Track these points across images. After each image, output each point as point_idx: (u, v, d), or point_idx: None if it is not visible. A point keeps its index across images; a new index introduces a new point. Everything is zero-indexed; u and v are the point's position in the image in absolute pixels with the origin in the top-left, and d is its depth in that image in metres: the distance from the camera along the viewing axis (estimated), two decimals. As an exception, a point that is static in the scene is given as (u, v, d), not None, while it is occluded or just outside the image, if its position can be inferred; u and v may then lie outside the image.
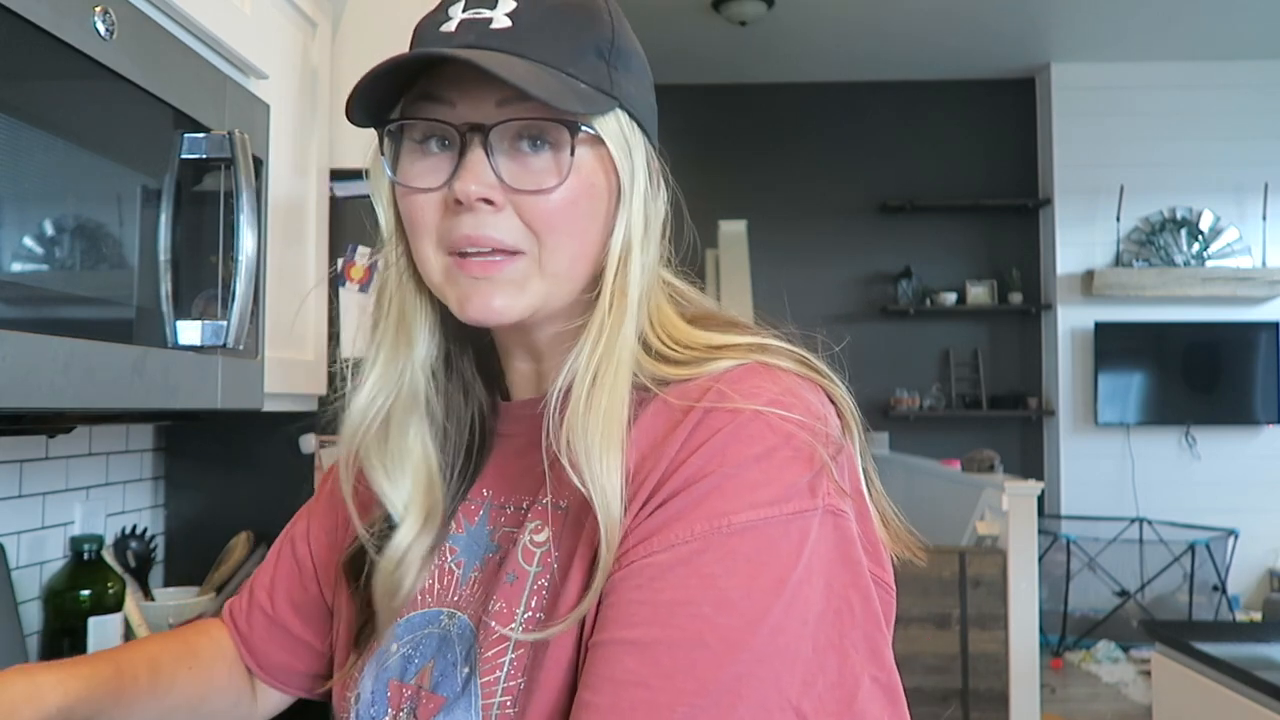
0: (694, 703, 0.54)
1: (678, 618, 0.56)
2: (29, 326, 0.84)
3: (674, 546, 0.57)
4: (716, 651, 0.55)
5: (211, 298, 1.13)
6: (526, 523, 0.67)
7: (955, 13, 4.88)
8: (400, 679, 0.69)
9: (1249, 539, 5.26)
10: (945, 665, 3.25)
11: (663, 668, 0.55)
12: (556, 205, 0.64)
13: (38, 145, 0.86)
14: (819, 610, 0.57)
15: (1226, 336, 5.41)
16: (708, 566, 0.56)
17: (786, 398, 0.61)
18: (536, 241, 0.64)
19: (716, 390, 0.61)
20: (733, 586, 0.56)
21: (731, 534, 0.57)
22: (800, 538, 0.58)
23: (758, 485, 0.58)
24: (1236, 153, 5.51)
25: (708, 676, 0.54)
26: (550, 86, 0.61)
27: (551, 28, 0.64)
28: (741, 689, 0.54)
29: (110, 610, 1.52)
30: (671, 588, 0.56)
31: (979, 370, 5.76)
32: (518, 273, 0.64)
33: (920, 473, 4.62)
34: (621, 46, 0.68)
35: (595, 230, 0.66)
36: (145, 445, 1.82)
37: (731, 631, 0.55)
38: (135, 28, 0.98)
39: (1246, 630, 2.62)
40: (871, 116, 5.84)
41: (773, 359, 0.65)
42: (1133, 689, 4.37)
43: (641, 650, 0.55)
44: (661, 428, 0.62)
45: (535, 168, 0.64)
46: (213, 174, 1.13)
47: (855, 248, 5.80)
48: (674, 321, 0.68)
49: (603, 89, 0.65)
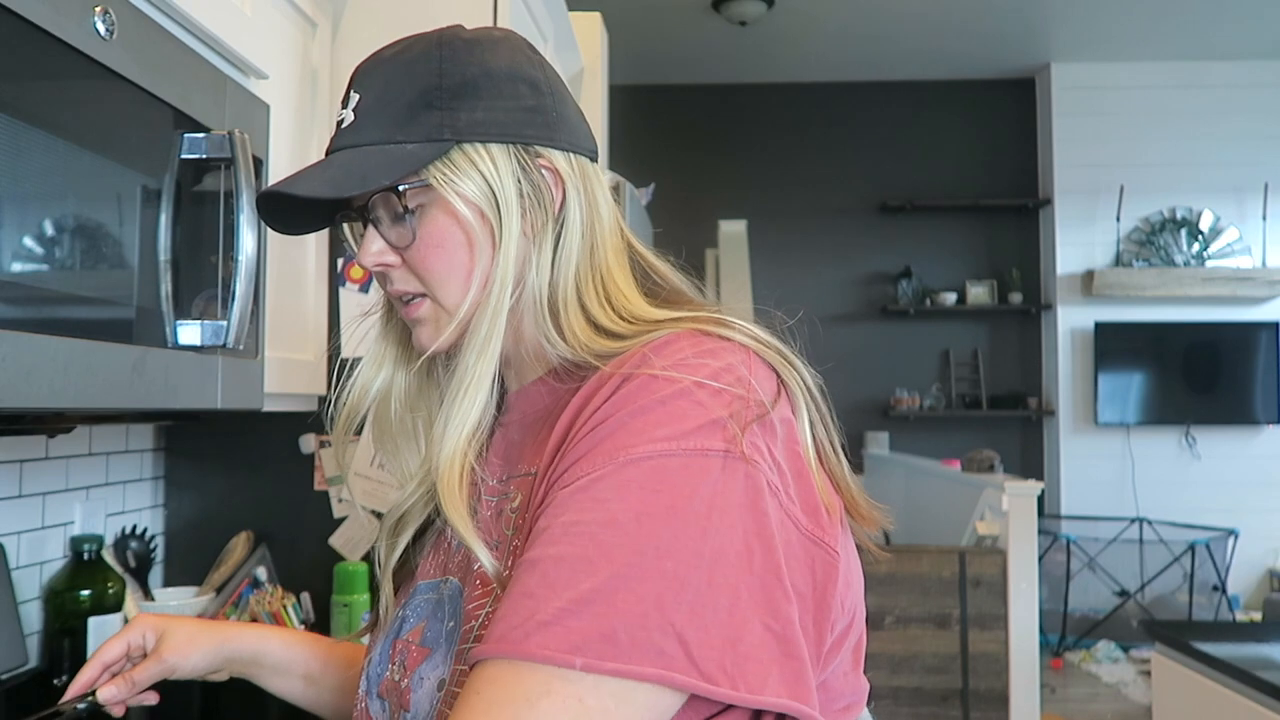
0: (566, 607, 0.56)
1: (569, 535, 0.59)
2: (29, 326, 0.84)
3: (578, 479, 0.61)
4: (593, 561, 0.57)
5: (211, 298, 1.13)
6: (507, 492, 0.74)
7: (955, 13, 4.88)
8: (398, 637, 0.77)
9: (1249, 539, 5.27)
10: (945, 665, 3.25)
11: (548, 578, 0.58)
12: (423, 255, 0.73)
13: (38, 145, 0.86)
14: (717, 547, 0.59)
15: (1226, 336, 5.41)
16: (603, 493, 0.60)
17: (703, 358, 0.65)
18: (426, 286, 0.74)
19: (640, 354, 0.66)
20: (622, 510, 0.59)
21: (628, 464, 0.60)
22: (699, 474, 0.60)
23: (659, 424, 0.61)
24: (1236, 153, 5.51)
25: (586, 586, 0.57)
26: (361, 169, 0.70)
27: (382, 105, 0.72)
28: (616, 599, 0.56)
29: (110, 610, 1.52)
30: (568, 512, 0.60)
31: (979, 370, 5.76)
32: (428, 312, 0.75)
33: (920, 473, 4.62)
34: (454, 82, 0.72)
35: (479, 260, 0.72)
36: (145, 445, 1.82)
37: (614, 549, 0.58)
38: (135, 28, 0.98)
39: (1246, 630, 2.62)
40: (871, 116, 5.84)
41: (712, 328, 0.69)
42: (1133, 689, 4.37)
43: (533, 566, 0.59)
44: (590, 392, 0.67)
45: (399, 230, 0.73)
46: (213, 174, 1.13)
47: (855, 248, 5.80)
48: (629, 299, 0.73)
49: (434, 138, 0.71)
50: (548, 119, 0.74)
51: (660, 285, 0.77)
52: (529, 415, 0.76)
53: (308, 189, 0.71)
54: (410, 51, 0.73)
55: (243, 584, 1.72)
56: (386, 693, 0.75)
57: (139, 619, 0.96)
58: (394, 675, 0.74)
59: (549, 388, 0.75)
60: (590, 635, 0.55)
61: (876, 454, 5.33)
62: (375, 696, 0.76)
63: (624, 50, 4.22)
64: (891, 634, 3.19)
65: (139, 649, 0.95)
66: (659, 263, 0.78)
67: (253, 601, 1.65)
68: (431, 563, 0.79)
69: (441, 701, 0.68)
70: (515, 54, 0.74)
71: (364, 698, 0.78)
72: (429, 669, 0.70)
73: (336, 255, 1.75)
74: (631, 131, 4.51)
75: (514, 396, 0.80)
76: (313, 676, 0.97)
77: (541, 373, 0.76)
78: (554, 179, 0.74)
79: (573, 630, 0.55)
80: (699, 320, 0.70)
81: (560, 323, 0.72)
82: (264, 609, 1.62)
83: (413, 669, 0.72)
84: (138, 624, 0.95)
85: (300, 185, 0.71)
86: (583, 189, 0.75)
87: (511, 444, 0.77)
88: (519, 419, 0.77)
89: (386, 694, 0.75)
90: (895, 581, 3.25)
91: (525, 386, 0.78)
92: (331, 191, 0.69)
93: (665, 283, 0.77)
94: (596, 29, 2.97)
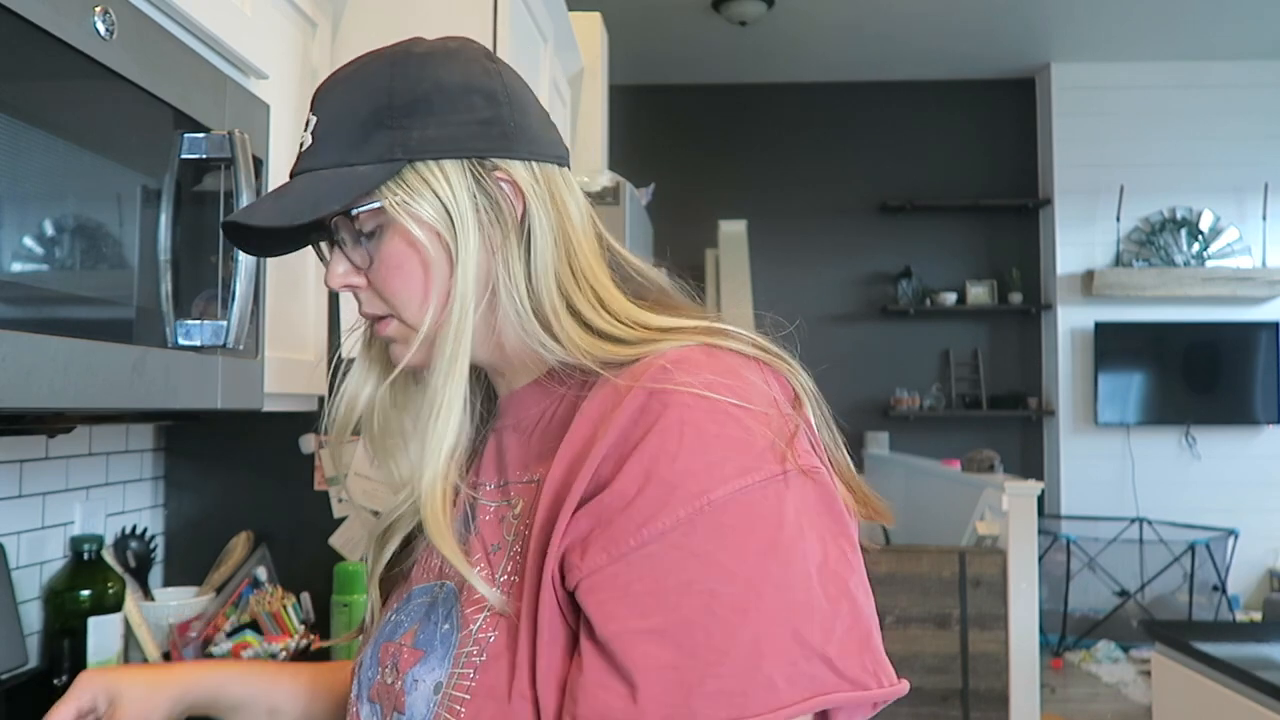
0: (719, 671, 0.57)
1: (685, 598, 0.59)
2: (29, 326, 0.84)
3: (664, 535, 0.60)
4: (727, 620, 0.58)
5: (211, 298, 1.13)
6: (509, 498, 0.73)
7: (955, 13, 4.88)
8: (389, 641, 0.76)
9: (1249, 539, 5.27)
10: (945, 665, 3.25)
11: (683, 647, 0.58)
12: (384, 276, 0.73)
13: (38, 145, 0.86)
14: (819, 562, 0.61)
15: (1226, 336, 5.41)
16: (700, 545, 0.60)
17: (728, 378, 0.65)
18: (390, 306, 0.73)
19: (656, 368, 0.65)
20: (728, 557, 0.59)
21: (714, 510, 0.60)
22: (777, 500, 0.61)
23: (723, 461, 0.61)
24: (1236, 153, 5.51)
25: (726, 645, 0.58)
26: (313, 194, 0.70)
27: (335, 127, 0.72)
28: (762, 647, 0.58)
29: (110, 610, 1.52)
30: (672, 573, 0.60)
31: (979, 370, 5.76)
32: (398, 331, 0.75)
33: (920, 473, 4.62)
34: (405, 100, 0.71)
35: (436, 279, 0.71)
36: (145, 445, 1.82)
37: (737, 598, 0.58)
38: (135, 28, 0.98)
39: (1246, 630, 2.62)
40: (871, 116, 5.84)
41: (720, 341, 0.69)
42: (1133, 689, 4.37)
43: (659, 636, 0.59)
44: (606, 408, 0.66)
45: (359, 252, 0.73)
46: (213, 174, 1.13)
47: (855, 248, 5.80)
48: (618, 300, 0.73)
49: (385, 158, 0.70)
50: (504, 130, 0.72)
51: (646, 286, 0.76)
52: (524, 420, 0.76)
53: (263, 218, 0.71)
54: (362, 72, 0.73)
55: (243, 584, 1.72)
56: (378, 696, 0.75)
57: (84, 679, 0.88)
58: (385, 678, 0.74)
59: (544, 390, 0.75)
60: (751, 692, 0.57)
61: (876, 454, 5.33)
62: (366, 700, 0.76)
63: (624, 50, 4.22)
64: (891, 634, 3.19)
65: (90, 713, 0.87)
66: (639, 262, 0.78)
67: (253, 601, 1.65)
68: (426, 566, 0.79)
69: (440, 705, 0.68)
70: (469, 65, 0.73)
71: (355, 702, 0.78)
72: (424, 671, 0.70)
73: (336, 255, 1.75)
74: (631, 131, 4.51)
75: (505, 401, 0.80)
76: (277, 709, 0.94)
77: (533, 377, 0.76)
78: (513, 190, 0.72)
79: (734, 694, 0.57)
80: (701, 331, 0.70)
81: (553, 330, 0.71)
82: (264, 609, 1.62)
83: (405, 671, 0.71)
84: (85, 685, 0.87)
85: (256, 215, 0.71)
86: (549, 197, 0.73)
87: (507, 448, 0.77)
88: (513, 423, 0.77)
89: (378, 697, 0.75)
90: (895, 581, 3.25)
91: (517, 391, 0.78)
92: (283, 220, 0.70)
93: (650, 283, 0.77)
94: (596, 29, 2.97)
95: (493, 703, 0.64)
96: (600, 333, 0.71)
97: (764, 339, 0.71)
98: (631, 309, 0.72)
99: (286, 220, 0.70)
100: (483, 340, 0.74)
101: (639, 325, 0.71)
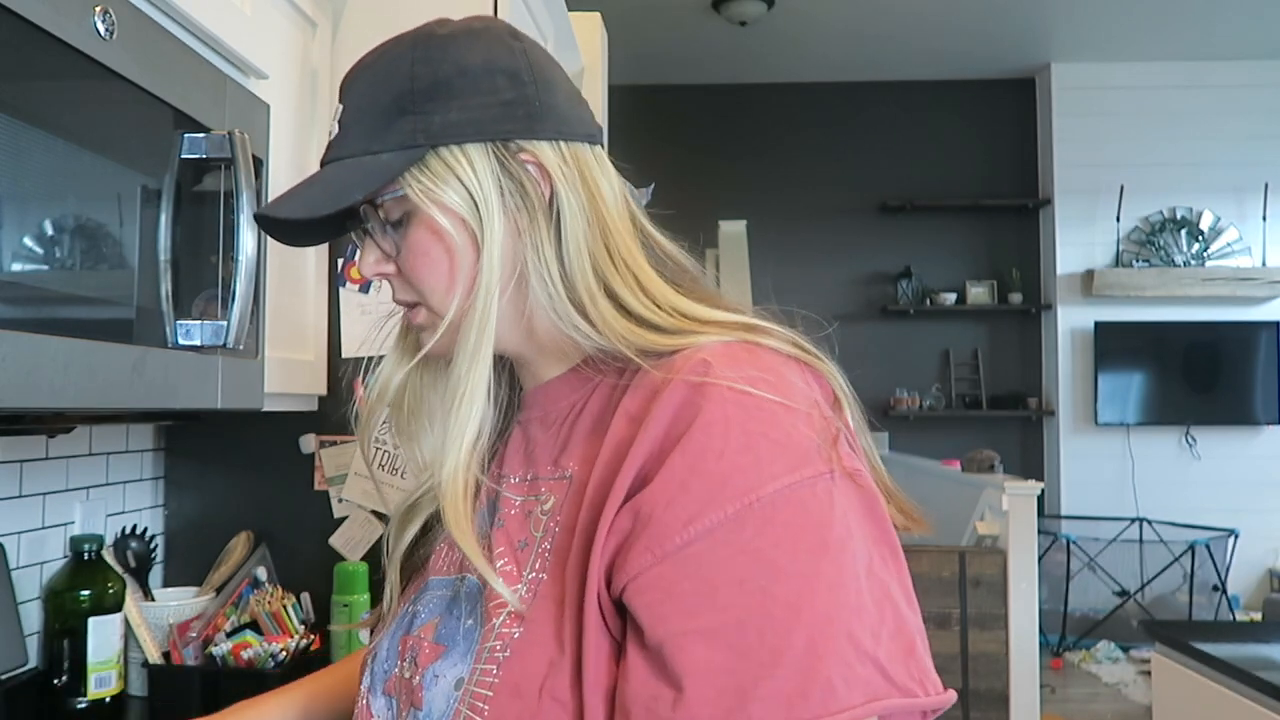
0: (775, 674, 0.55)
1: (737, 597, 0.57)
2: (29, 326, 0.84)
3: (711, 531, 0.58)
4: (782, 620, 0.56)
5: (211, 298, 1.13)
6: (538, 493, 0.71)
7: (955, 13, 4.88)
8: (408, 633, 0.74)
9: (1249, 539, 5.27)
10: (945, 665, 3.25)
11: (736, 649, 0.56)
12: (411, 264, 0.72)
13: (38, 145, 0.86)
14: (865, 565, 0.60)
15: (1226, 336, 5.41)
16: (750, 542, 0.58)
17: (770, 375, 0.64)
18: (419, 294, 0.73)
19: (699, 360, 0.64)
20: (780, 554, 0.57)
21: (763, 506, 0.58)
22: (826, 499, 0.60)
23: (772, 458, 0.60)
24: (1236, 153, 5.51)
25: (781, 645, 0.55)
26: (337, 184, 0.70)
27: (360, 115, 0.71)
28: (819, 649, 0.56)
29: (110, 610, 1.52)
30: (721, 570, 0.58)
31: (979, 370, 5.76)
32: (425, 319, 0.74)
33: (920, 473, 4.62)
34: (426, 84, 0.70)
35: (462, 265, 0.71)
36: (145, 445, 1.82)
37: (791, 596, 0.56)
38: (135, 27, 0.98)
39: (1246, 630, 2.62)
40: (871, 116, 5.84)
41: (760, 338, 0.68)
42: (1133, 689, 4.37)
43: (710, 637, 0.56)
44: (647, 404, 0.64)
45: (387, 240, 0.73)
46: (213, 174, 1.13)
47: (855, 248, 5.80)
48: (656, 284, 0.71)
49: (407, 144, 0.69)
50: (529, 110, 0.70)
51: (679, 271, 0.75)
52: (551, 412, 0.75)
53: (289, 210, 0.71)
54: (385, 57, 0.72)
55: (243, 584, 1.72)
56: (394, 690, 0.73)
57: None
58: (404, 672, 0.72)
59: (574, 382, 0.73)
60: (810, 693, 0.55)
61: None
62: (380, 694, 0.74)
63: (624, 50, 4.22)
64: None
65: None
66: (670, 245, 0.76)
67: (253, 602, 1.65)
68: (445, 557, 0.77)
69: (460, 701, 0.66)
70: (492, 45, 0.71)
71: (366, 694, 0.76)
72: (445, 667, 0.68)
73: (336, 255, 1.75)
74: (631, 131, 4.50)
75: (532, 394, 0.78)
76: None
77: (563, 368, 0.75)
78: (539, 172, 0.71)
79: (792, 696, 0.55)
80: (741, 327, 0.69)
81: (588, 314, 0.69)
82: (264, 609, 1.62)
83: (425, 666, 0.69)
84: None
85: (284, 207, 0.71)
86: (578, 178, 0.71)
87: (533, 442, 0.75)
88: (539, 416, 0.76)
89: (394, 691, 0.73)
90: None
91: (545, 384, 0.76)
92: (306, 212, 0.69)
93: (681, 268, 0.75)
94: (596, 29, 2.97)
95: (518, 700, 0.62)
96: (639, 318, 0.69)
97: (803, 339, 0.70)
98: (671, 295, 0.71)
99: (309, 212, 0.69)
100: (512, 326, 0.73)
101: (678, 313, 0.69)
